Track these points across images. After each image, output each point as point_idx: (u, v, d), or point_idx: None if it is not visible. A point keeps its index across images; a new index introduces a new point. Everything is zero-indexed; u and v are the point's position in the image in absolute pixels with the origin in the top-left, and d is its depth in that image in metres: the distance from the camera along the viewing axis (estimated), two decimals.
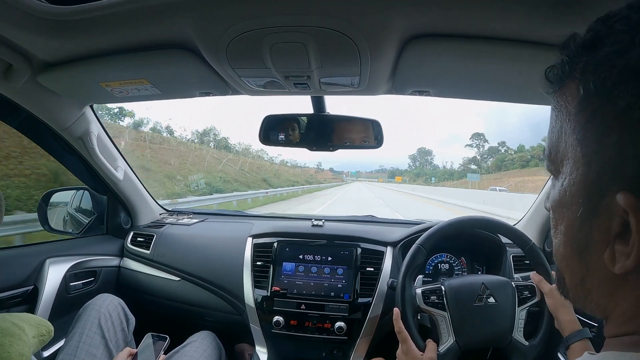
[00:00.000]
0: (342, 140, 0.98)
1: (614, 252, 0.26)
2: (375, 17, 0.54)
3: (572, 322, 0.78)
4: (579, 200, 0.28)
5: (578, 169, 0.27)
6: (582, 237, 0.28)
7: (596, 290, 0.29)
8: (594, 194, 0.26)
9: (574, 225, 0.29)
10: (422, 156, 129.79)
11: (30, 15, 0.57)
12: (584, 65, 0.26)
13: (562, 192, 0.29)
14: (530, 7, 0.51)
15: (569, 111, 0.28)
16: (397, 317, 0.83)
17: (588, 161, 0.26)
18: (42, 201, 1.20)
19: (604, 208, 0.26)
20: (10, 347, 0.59)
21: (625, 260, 0.25)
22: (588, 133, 0.26)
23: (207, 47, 0.64)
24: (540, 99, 0.81)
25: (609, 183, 0.25)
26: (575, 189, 0.28)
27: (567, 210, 0.29)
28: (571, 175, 0.28)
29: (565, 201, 0.29)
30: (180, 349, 0.95)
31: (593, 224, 0.27)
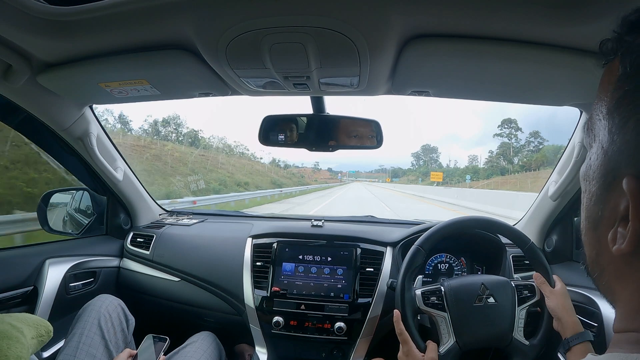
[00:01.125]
0: (342, 140, 0.98)
1: (616, 233, 0.26)
2: (374, 17, 0.54)
3: (574, 323, 0.78)
4: (598, 176, 0.29)
5: (603, 147, 0.28)
6: (596, 212, 0.29)
7: (607, 269, 0.29)
8: (610, 173, 0.27)
9: (591, 200, 0.30)
10: (427, 154, 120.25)
11: (29, 15, 0.57)
12: (628, 45, 0.27)
13: (588, 166, 0.30)
14: (530, 7, 0.51)
15: (607, 88, 0.29)
16: (397, 319, 0.83)
17: (611, 141, 0.27)
18: (41, 202, 1.20)
19: (616, 188, 0.26)
20: (8, 350, 0.58)
21: (621, 244, 0.25)
22: (615, 113, 0.27)
23: (207, 47, 0.64)
24: (540, 99, 0.82)
25: (623, 165, 0.26)
26: (598, 164, 0.29)
27: (588, 183, 0.30)
28: (597, 152, 0.29)
29: (588, 175, 0.30)
30: (180, 350, 0.95)
31: (606, 201, 0.28)
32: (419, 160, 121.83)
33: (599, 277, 0.30)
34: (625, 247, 0.25)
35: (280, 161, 75.62)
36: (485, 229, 1.06)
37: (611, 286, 0.29)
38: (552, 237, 1.13)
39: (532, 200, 1.20)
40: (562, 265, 1.09)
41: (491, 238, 1.12)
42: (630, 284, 0.27)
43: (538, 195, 1.17)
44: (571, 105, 0.84)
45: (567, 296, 0.84)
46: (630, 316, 0.27)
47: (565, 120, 28.78)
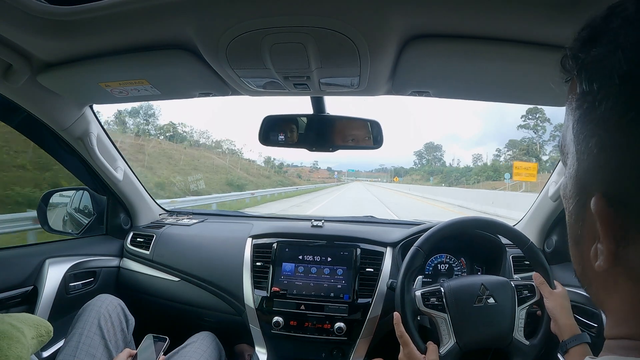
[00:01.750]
0: (342, 140, 0.98)
1: (597, 250, 0.26)
2: (374, 17, 0.54)
3: (571, 326, 0.78)
4: (573, 194, 0.29)
5: (574, 165, 0.28)
6: (576, 230, 0.29)
7: (593, 282, 0.29)
8: (582, 192, 0.27)
9: (571, 218, 0.30)
10: (430, 152, 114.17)
11: (30, 15, 0.57)
12: (581, 62, 0.26)
13: (564, 185, 0.31)
14: (530, 8, 0.51)
15: (571, 105, 0.29)
16: (397, 322, 0.83)
17: (579, 158, 0.27)
18: (41, 202, 1.20)
19: (589, 209, 0.26)
20: (8, 350, 0.58)
21: (601, 259, 0.25)
22: (580, 131, 0.27)
23: (207, 47, 0.64)
24: (540, 99, 0.81)
25: (593, 183, 0.26)
26: (572, 183, 0.29)
27: (567, 202, 0.30)
28: (570, 170, 0.29)
29: (565, 193, 0.31)
30: (180, 350, 0.95)
31: (583, 219, 0.28)
32: (422, 159, 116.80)
33: (588, 289, 0.31)
34: (603, 264, 0.25)
35: (276, 160, 74.50)
36: (485, 230, 1.06)
37: (599, 297, 0.29)
38: (552, 238, 1.13)
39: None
40: (562, 265, 1.09)
41: (491, 238, 1.12)
42: (616, 295, 0.27)
43: (538, 196, 1.16)
44: None
45: (566, 298, 0.84)
46: (620, 324, 0.28)
47: None
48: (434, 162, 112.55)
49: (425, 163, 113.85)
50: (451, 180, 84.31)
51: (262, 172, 51.08)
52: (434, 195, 26.40)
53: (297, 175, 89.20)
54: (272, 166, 70.22)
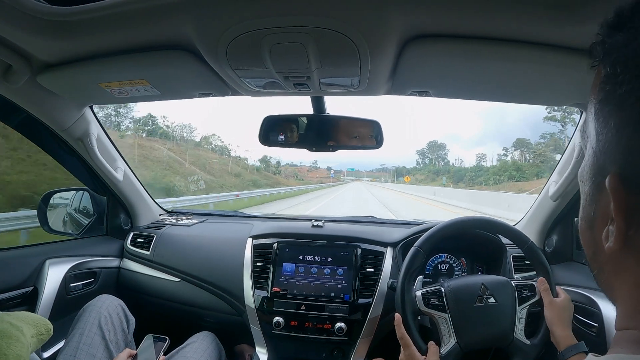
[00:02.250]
0: (342, 140, 0.98)
1: (608, 232, 0.27)
2: (374, 17, 0.54)
3: (567, 337, 0.78)
4: (589, 176, 0.29)
5: (592, 147, 0.29)
6: (590, 212, 0.30)
7: (605, 267, 0.30)
8: (599, 173, 0.28)
9: (586, 200, 0.30)
10: (434, 151, 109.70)
11: (29, 15, 0.57)
12: (607, 47, 0.27)
13: (582, 167, 0.31)
14: (530, 8, 0.51)
15: (594, 89, 0.29)
16: (398, 323, 0.83)
17: (597, 141, 0.28)
18: (41, 202, 1.20)
19: (604, 190, 0.27)
20: (7, 349, 0.58)
21: (611, 242, 0.26)
22: (600, 114, 0.28)
23: (207, 47, 0.64)
24: (541, 99, 0.82)
25: (609, 163, 0.27)
26: (589, 164, 0.29)
27: (583, 184, 0.31)
28: (588, 152, 0.30)
29: (583, 176, 0.31)
30: (180, 350, 0.95)
31: (597, 201, 0.28)
32: (424, 158, 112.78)
33: (598, 274, 0.31)
34: (613, 245, 0.26)
35: (273, 158, 72.24)
36: (485, 229, 1.06)
37: (610, 283, 0.30)
38: (553, 237, 1.13)
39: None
40: (562, 265, 1.09)
41: (491, 238, 1.12)
42: (627, 280, 0.27)
43: (538, 196, 1.16)
44: (572, 105, 0.84)
45: (566, 309, 0.83)
46: (630, 314, 0.28)
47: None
48: (437, 161, 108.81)
49: (428, 162, 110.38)
50: (465, 180, 76.07)
51: (234, 169, 40.02)
52: (472, 203, 16.56)
53: (295, 174, 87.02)
54: (267, 165, 68.18)
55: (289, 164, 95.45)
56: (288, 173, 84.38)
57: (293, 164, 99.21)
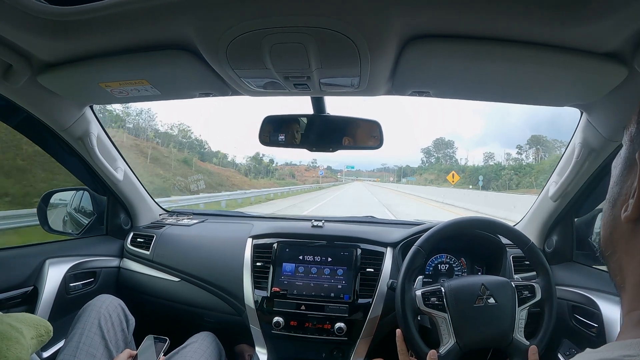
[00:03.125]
0: (342, 140, 0.98)
1: (628, 205, 0.29)
2: (375, 17, 0.54)
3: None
4: (621, 160, 0.32)
5: (631, 135, 0.31)
6: (616, 192, 0.32)
7: (618, 245, 0.31)
8: (630, 156, 0.31)
9: (614, 182, 0.33)
10: (440, 149, 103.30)
11: (30, 15, 0.57)
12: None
13: (618, 155, 0.34)
14: (530, 8, 0.51)
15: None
16: (400, 338, 0.82)
17: (637, 130, 0.30)
18: (41, 202, 1.20)
19: (633, 168, 0.30)
20: (7, 352, 0.58)
21: (629, 211, 0.28)
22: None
23: (207, 47, 0.64)
24: (541, 99, 0.81)
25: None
26: (623, 156, 0.32)
27: (615, 169, 0.33)
28: (624, 149, 0.32)
29: (617, 162, 0.33)
30: (180, 350, 0.95)
31: (624, 181, 0.31)
32: (430, 156, 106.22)
33: (611, 255, 0.32)
34: (630, 214, 0.28)
35: (265, 156, 67.97)
36: (485, 230, 1.06)
37: (621, 262, 0.31)
38: (553, 238, 1.13)
39: None
40: (562, 265, 1.09)
41: (491, 239, 1.12)
42: (637, 255, 0.29)
43: (538, 196, 1.17)
44: (572, 105, 0.84)
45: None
46: (637, 294, 0.29)
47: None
48: (444, 159, 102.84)
49: (434, 161, 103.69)
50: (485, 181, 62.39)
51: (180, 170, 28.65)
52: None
53: (291, 173, 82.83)
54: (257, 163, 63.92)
55: (287, 163, 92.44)
56: (284, 172, 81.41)
57: (292, 163, 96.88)
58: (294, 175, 79.85)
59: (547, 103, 0.82)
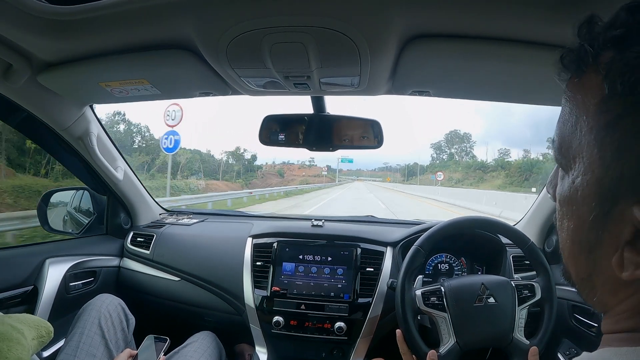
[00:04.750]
0: (342, 140, 0.98)
1: (622, 258, 0.25)
2: (375, 17, 0.54)
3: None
4: (591, 203, 0.27)
5: (593, 171, 0.26)
6: (592, 238, 0.27)
7: (601, 288, 0.28)
8: (607, 200, 0.25)
9: (583, 226, 0.28)
10: (454, 143, 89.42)
11: (30, 15, 0.57)
12: (611, 61, 0.24)
13: (572, 190, 0.28)
14: (530, 8, 0.51)
15: (588, 107, 0.26)
16: (400, 339, 0.82)
17: (606, 165, 0.25)
18: (41, 201, 1.20)
19: (616, 214, 0.25)
20: (8, 352, 0.58)
21: (634, 270, 0.24)
22: (608, 137, 0.25)
23: (207, 47, 0.64)
24: (540, 99, 0.81)
25: (626, 193, 0.24)
26: (588, 191, 0.27)
27: (576, 209, 0.28)
28: (585, 176, 0.27)
29: (575, 199, 0.28)
30: (180, 349, 0.95)
31: (604, 228, 0.26)
32: (441, 152, 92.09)
33: (589, 294, 0.30)
34: (638, 274, 0.24)
35: (247, 152, 58.72)
36: (485, 229, 1.06)
37: (604, 301, 0.29)
38: (553, 238, 1.13)
39: None
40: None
41: (491, 238, 1.12)
42: (628, 298, 0.27)
43: (538, 196, 1.17)
44: None
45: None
46: (621, 320, 0.28)
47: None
48: (460, 155, 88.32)
49: (446, 158, 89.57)
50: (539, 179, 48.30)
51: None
52: None
53: (280, 172, 73.59)
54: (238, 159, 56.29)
55: (285, 162, 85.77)
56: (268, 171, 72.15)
57: (290, 162, 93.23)
58: (282, 174, 72.10)
59: (547, 103, 0.82)
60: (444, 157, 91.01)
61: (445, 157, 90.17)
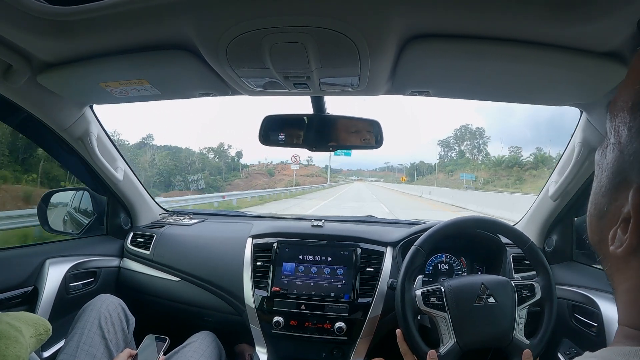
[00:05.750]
0: (342, 140, 0.98)
1: (616, 234, 0.27)
2: (374, 17, 0.54)
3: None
4: (610, 169, 0.29)
5: (620, 142, 0.27)
6: (603, 204, 0.29)
7: (607, 258, 0.30)
8: (620, 173, 0.27)
9: (601, 189, 0.30)
10: (464, 140, 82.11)
11: (30, 15, 0.57)
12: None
13: (603, 155, 0.30)
14: (530, 8, 0.51)
15: (636, 80, 0.27)
16: (400, 339, 0.82)
17: (629, 140, 0.26)
18: (42, 202, 1.20)
19: (623, 190, 0.27)
20: (6, 350, 0.58)
21: (618, 247, 0.26)
22: (634, 116, 0.26)
23: (207, 47, 0.64)
24: (540, 99, 0.82)
25: (633, 172, 0.26)
26: (611, 158, 0.29)
27: (601, 172, 0.30)
28: (615, 144, 0.28)
29: (602, 164, 0.30)
30: (180, 349, 0.95)
31: (613, 198, 0.28)
32: (450, 150, 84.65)
33: (603, 260, 0.31)
34: (620, 252, 0.26)
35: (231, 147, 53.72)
36: (485, 229, 1.06)
37: (612, 274, 0.30)
38: (553, 237, 1.13)
39: None
40: (562, 265, 1.09)
41: (491, 238, 1.12)
42: (627, 279, 0.28)
43: (538, 196, 1.17)
44: (571, 105, 0.84)
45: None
46: (627, 309, 0.28)
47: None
48: (473, 151, 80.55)
49: (456, 156, 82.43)
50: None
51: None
52: None
53: (269, 171, 67.07)
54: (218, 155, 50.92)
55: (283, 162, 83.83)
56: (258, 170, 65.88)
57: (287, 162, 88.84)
58: (272, 174, 65.56)
59: (546, 102, 0.82)
60: (452, 155, 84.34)
61: (455, 155, 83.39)
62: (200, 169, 46.83)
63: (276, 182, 55.42)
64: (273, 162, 72.59)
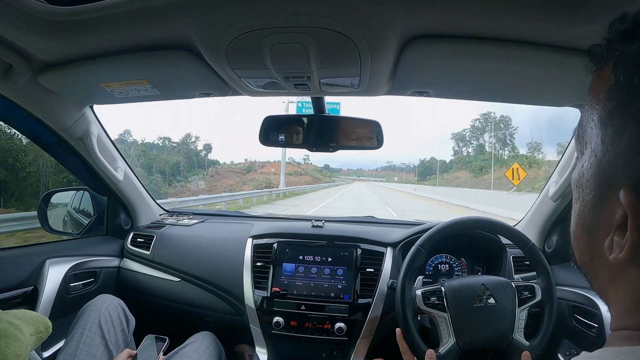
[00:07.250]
0: (342, 140, 0.98)
1: (612, 242, 0.27)
2: (375, 17, 0.54)
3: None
4: (592, 185, 0.29)
5: (596, 155, 0.28)
6: (592, 219, 0.29)
7: (601, 272, 0.29)
8: (604, 183, 0.27)
9: (585, 207, 0.30)
10: (485, 131, 69.59)
11: (30, 15, 0.57)
12: (619, 54, 0.27)
13: (580, 174, 0.30)
14: (530, 8, 0.51)
15: (599, 96, 0.28)
16: (400, 337, 0.82)
17: (604, 150, 0.27)
18: (42, 202, 1.20)
19: (612, 197, 0.27)
20: (6, 349, 0.58)
21: (619, 253, 0.26)
22: (609, 123, 0.27)
23: (207, 47, 0.64)
24: (541, 99, 0.82)
25: (618, 176, 0.26)
26: (590, 173, 0.29)
27: (582, 191, 0.30)
28: (590, 160, 0.29)
29: (581, 182, 0.30)
30: (179, 350, 0.95)
31: (601, 210, 0.28)
32: (466, 144, 74.17)
33: (593, 278, 0.31)
34: (623, 257, 0.26)
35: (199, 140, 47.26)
36: (485, 230, 1.06)
37: (605, 288, 0.30)
38: (553, 238, 1.13)
39: None
40: (562, 265, 1.09)
41: (491, 239, 1.12)
42: (623, 287, 0.28)
43: (538, 196, 1.16)
44: (572, 105, 0.84)
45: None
46: (622, 315, 0.28)
47: None
48: (499, 144, 67.33)
49: (472, 151, 71.68)
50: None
51: None
52: None
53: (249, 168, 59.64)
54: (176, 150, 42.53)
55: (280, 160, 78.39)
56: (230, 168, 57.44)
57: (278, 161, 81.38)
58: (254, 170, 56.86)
59: (546, 103, 0.82)
60: (469, 150, 74.00)
61: (472, 150, 72.91)
62: (145, 165, 37.84)
63: (245, 183, 46.40)
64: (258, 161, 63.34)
